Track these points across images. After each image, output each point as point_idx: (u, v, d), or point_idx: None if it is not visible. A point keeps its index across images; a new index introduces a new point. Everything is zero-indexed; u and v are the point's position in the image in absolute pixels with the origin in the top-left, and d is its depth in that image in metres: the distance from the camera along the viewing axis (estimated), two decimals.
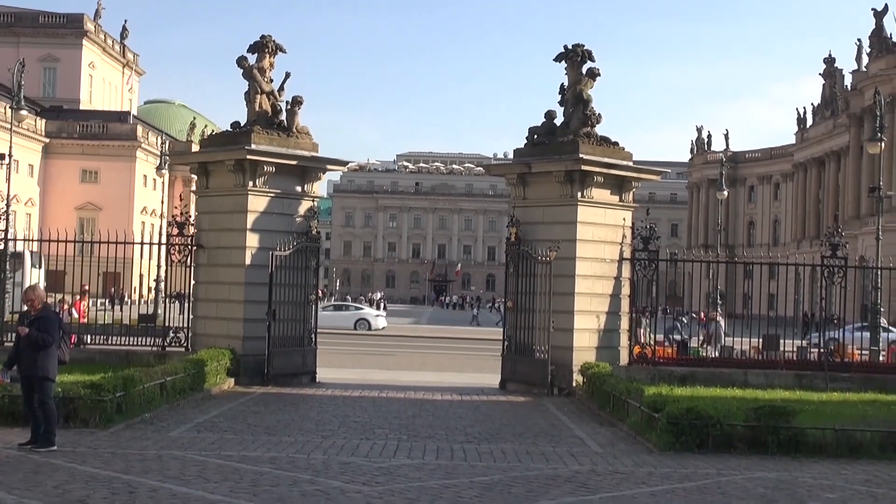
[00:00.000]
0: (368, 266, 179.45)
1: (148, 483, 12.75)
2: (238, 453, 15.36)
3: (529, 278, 26.11)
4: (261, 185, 26.19)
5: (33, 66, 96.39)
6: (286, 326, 26.18)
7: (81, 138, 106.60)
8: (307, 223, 27.02)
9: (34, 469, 13.50)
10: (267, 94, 27.41)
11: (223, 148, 27.35)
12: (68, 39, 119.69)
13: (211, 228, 26.88)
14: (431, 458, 15.67)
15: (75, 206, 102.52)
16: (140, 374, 19.57)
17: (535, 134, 27.47)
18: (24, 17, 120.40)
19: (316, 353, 27.43)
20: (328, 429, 18.72)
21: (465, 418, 21.22)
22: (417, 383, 28.07)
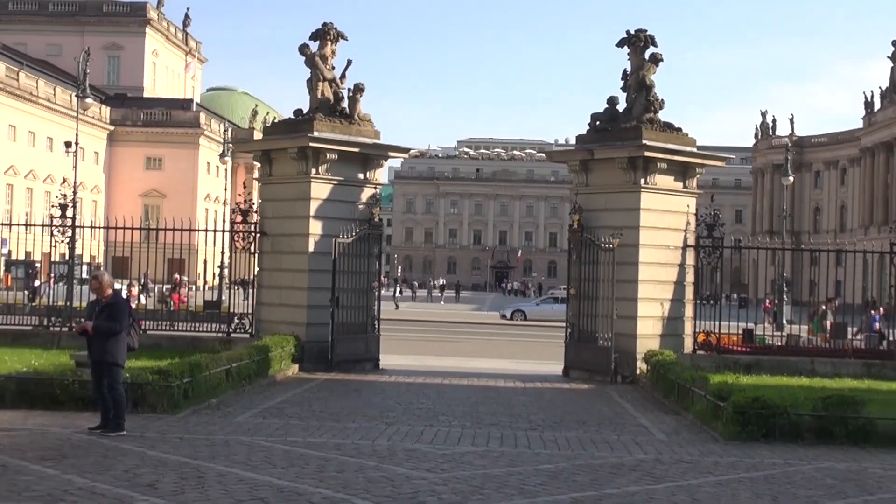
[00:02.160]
0: (430, 252, 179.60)
1: (215, 468, 12.86)
2: (303, 439, 15.48)
3: (592, 265, 26.04)
4: (323, 173, 26.36)
5: (98, 54, 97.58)
6: (349, 313, 26.33)
7: (145, 126, 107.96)
8: (369, 210, 27.16)
9: (104, 453, 13.67)
10: (329, 81, 27.53)
11: (286, 136, 27.56)
12: (132, 28, 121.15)
13: (274, 216, 27.10)
14: (495, 446, 15.69)
15: (140, 194, 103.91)
16: (206, 360, 19.81)
17: (598, 120, 27.36)
18: (89, 6, 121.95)
19: (379, 340, 27.57)
20: (392, 415, 18.80)
21: (528, 406, 21.21)
22: (480, 370, 28.12)
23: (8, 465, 12.57)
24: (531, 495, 12.16)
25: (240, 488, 11.80)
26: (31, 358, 21.87)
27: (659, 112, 26.65)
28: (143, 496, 11.19)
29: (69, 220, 28.52)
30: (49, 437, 14.77)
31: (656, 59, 26.71)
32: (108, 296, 15.58)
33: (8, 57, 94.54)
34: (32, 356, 22.43)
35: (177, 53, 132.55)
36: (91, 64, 53.24)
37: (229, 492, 11.59)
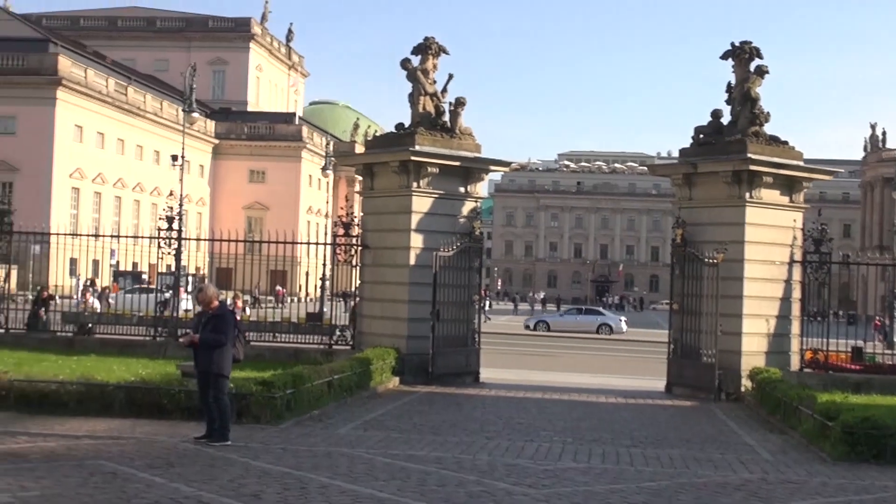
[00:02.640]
0: (530, 266, 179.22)
1: (318, 479, 12.95)
2: (404, 452, 15.50)
3: (696, 280, 25.72)
4: (424, 186, 26.45)
5: (203, 69, 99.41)
6: (450, 326, 26.38)
7: (249, 139, 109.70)
8: (470, 223, 27.18)
9: (209, 462, 13.87)
10: (430, 95, 27.63)
11: (388, 149, 27.74)
12: (236, 43, 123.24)
13: (376, 229, 27.28)
14: (597, 462, 15.55)
15: (243, 206, 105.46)
16: (309, 372, 19.97)
17: (701, 133, 27.05)
18: (195, 22, 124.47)
19: (479, 354, 27.55)
20: (493, 429, 18.76)
21: (630, 422, 21.03)
22: (580, 385, 27.89)
23: (117, 472, 12.84)
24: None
25: (342, 500, 11.87)
26: (138, 367, 22.30)
27: (764, 125, 26.25)
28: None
29: (175, 233, 29.06)
30: (156, 446, 15.03)
31: (762, 71, 26.32)
32: (215, 308, 15.78)
33: (117, 72, 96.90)
34: (139, 366, 22.88)
35: (280, 68, 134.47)
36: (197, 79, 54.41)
37: (331, 503, 11.69)
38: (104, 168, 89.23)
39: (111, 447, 14.76)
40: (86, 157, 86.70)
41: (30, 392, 17.89)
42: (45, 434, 15.59)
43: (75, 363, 23.19)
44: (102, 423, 16.77)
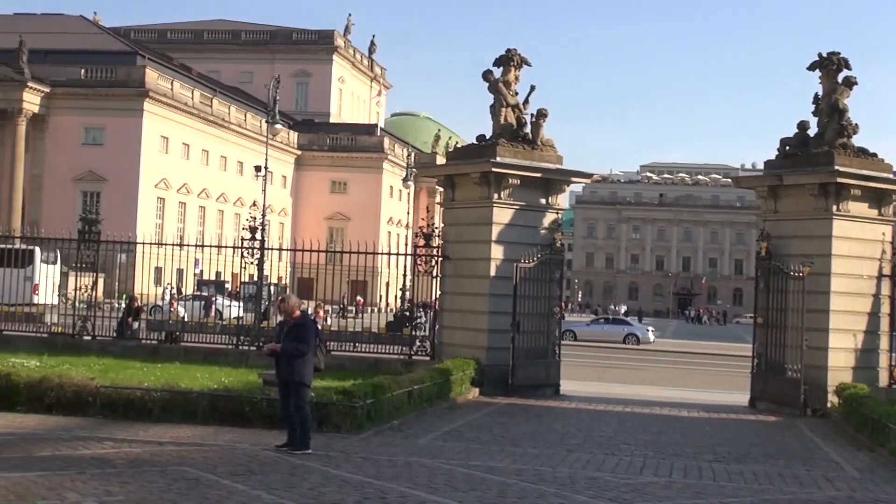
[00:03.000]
0: (611, 278, 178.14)
1: (398, 489, 12.97)
2: (484, 464, 15.45)
3: (781, 294, 25.33)
4: (505, 198, 26.41)
5: (286, 81, 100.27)
6: (530, 338, 26.27)
7: (331, 150, 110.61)
8: (551, 235, 27.09)
9: (290, 471, 13.97)
10: (512, 107, 27.62)
11: (469, 161, 27.76)
12: (319, 55, 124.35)
13: (456, 240, 27.32)
14: (679, 477, 15.37)
15: (325, 217, 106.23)
16: (389, 382, 20.02)
17: (787, 145, 26.68)
18: (279, 35, 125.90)
19: (559, 366, 27.43)
20: (573, 442, 18.67)
21: (712, 437, 20.78)
22: (662, 398, 27.68)
23: (200, 479, 13.01)
24: None
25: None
26: (221, 375, 22.60)
27: (852, 137, 25.79)
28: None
29: (258, 242, 29.38)
30: (238, 453, 15.20)
31: (850, 82, 25.90)
32: (297, 317, 15.92)
33: (203, 84, 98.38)
34: (222, 374, 23.19)
35: (362, 80, 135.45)
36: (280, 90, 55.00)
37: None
38: (189, 178, 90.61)
39: (194, 454, 14.97)
40: (171, 168, 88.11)
41: (116, 398, 18.20)
42: (130, 440, 15.87)
43: (160, 370, 23.56)
44: (186, 430, 17.02)
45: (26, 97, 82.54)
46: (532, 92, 28.09)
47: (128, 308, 31.88)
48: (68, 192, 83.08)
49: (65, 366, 22.14)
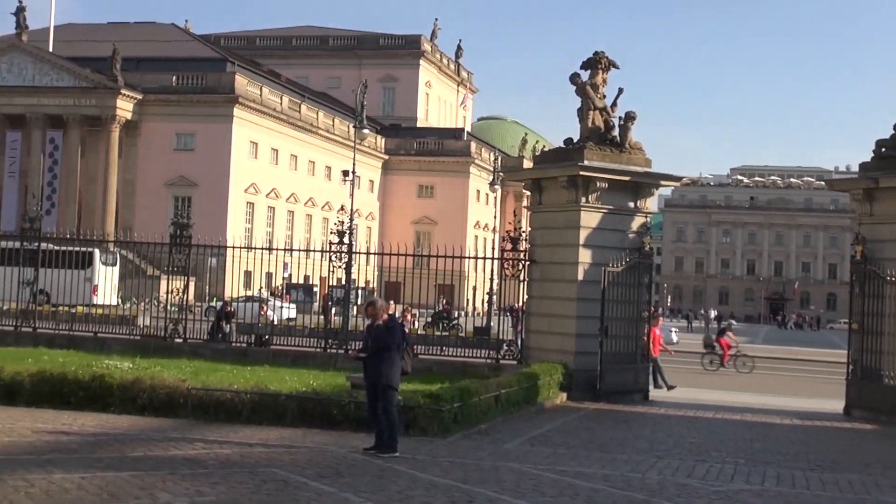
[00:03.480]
0: (700, 282, 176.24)
1: (485, 493, 12.93)
2: (572, 469, 15.34)
3: (877, 299, 24.74)
4: (593, 201, 26.25)
5: (374, 86, 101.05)
6: (618, 343, 26.10)
7: (418, 155, 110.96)
8: (639, 239, 26.86)
9: (378, 473, 14.01)
10: (599, 110, 27.43)
11: (556, 164, 27.63)
12: (406, 60, 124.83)
13: (544, 244, 27.22)
14: (771, 485, 15.10)
15: (412, 221, 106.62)
16: (476, 386, 20.01)
17: (883, 147, 26.07)
18: (366, 40, 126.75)
19: (648, 371, 27.18)
20: (662, 448, 18.46)
21: (805, 444, 20.38)
22: (752, 405, 27.19)
23: (288, 480, 13.12)
24: None
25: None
26: (309, 378, 22.76)
27: None
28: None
29: (346, 246, 29.57)
30: (326, 456, 15.29)
31: None
32: (384, 320, 16.02)
33: (291, 90, 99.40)
34: (310, 377, 23.34)
35: (449, 84, 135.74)
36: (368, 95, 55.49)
37: None
38: (278, 183, 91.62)
39: (283, 455, 15.11)
40: (260, 173, 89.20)
41: (206, 400, 18.45)
42: (221, 441, 16.06)
43: (249, 373, 23.83)
44: (274, 432, 17.18)
45: (120, 104, 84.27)
46: (620, 94, 27.88)
47: (220, 312, 32.30)
48: (160, 197, 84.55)
49: (157, 368, 22.49)
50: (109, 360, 23.82)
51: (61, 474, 12.78)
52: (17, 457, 13.93)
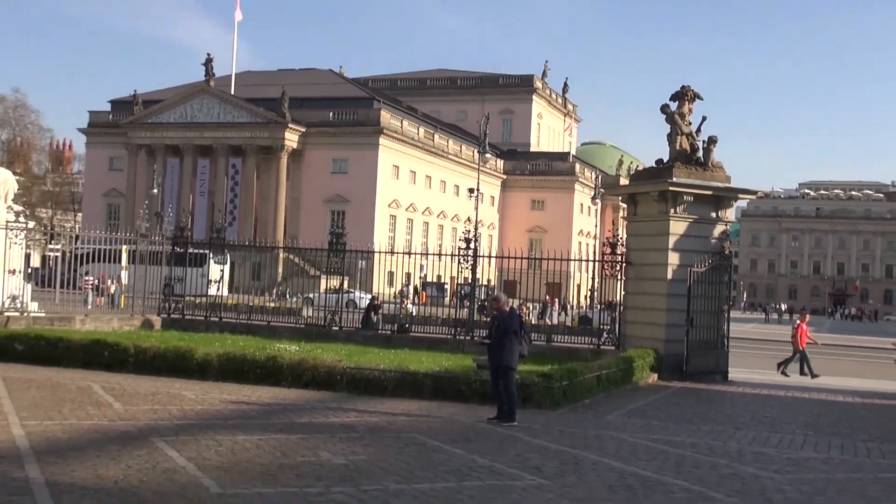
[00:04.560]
0: (772, 281, 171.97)
1: (589, 457, 12.89)
2: (663, 437, 15.17)
3: None
4: (680, 212, 25.90)
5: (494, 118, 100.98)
6: (701, 332, 25.67)
7: (531, 174, 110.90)
8: (720, 244, 26.43)
9: (499, 440, 14.04)
10: (686, 135, 27.06)
11: (648, 181, 27.32)
12: (521, 96, 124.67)
13: (638, 248, 26.91)
14: (836, 454, 14.66)
15: (526, 229, 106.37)
16: (581, 367, 19.93)
17: None
18: (488, 80, 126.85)
19: (728, 356, 26.65)
20: (740, 422, 18.07)
21: (867, 419, 19.73)
22: (819, 385, 26.43)
23: (426, 444, 13.24)
24: (872, 500, 11.33)
25: (610, 475, 11.79)
26: (442, 360, 22.88)
27: None
28: (531, 476, 11.43)
29: (471, 251, 29.67)
30: (457, 424, 15.37)
31: None
32: (505, 312, 16.07)
33: (426, 122, 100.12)
34: (443, 359, 23.47)
35: (557, 115, 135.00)
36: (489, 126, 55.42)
37: (602, 477, 11.61)
38: (415, 199, 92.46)
39: (421, 423, 15.24)
40: (400, 191, 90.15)
41: (358, 377, 18.72)
42: (370, 411, 16.26)
43: (393, 355, 24.06)
44: (414, 404, 17.33)
45: (287, 136, 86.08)
46: (703, 122, 27.52)
47: (370, 305, 32.69)
48: (320, 211, 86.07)
49: (318, 350, 22.85)
50: (280, 344, 24.31)
51: (243, 436, 13.14)
52: (208, 421, 14.37)
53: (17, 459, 10.78)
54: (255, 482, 10.29)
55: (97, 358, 20.35)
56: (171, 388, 17.70)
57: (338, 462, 11.57)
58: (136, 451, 11.56)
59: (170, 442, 12.30)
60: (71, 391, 16.62)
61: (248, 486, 10.07)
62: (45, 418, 13.68)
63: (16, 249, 28.35)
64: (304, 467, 11.17)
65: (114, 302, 38.97)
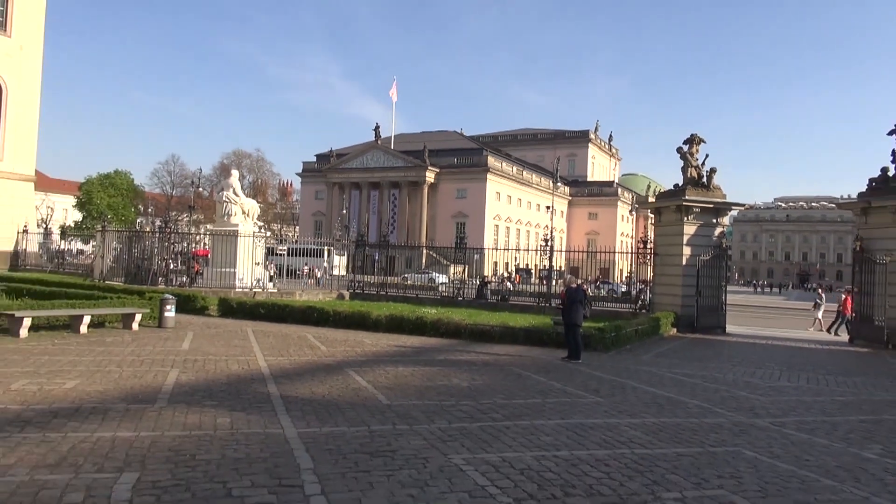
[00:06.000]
0: (756, 265, 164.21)
1: (630, 384, 12.63)
2: (681, 371, 14.73)
3: (870, 274, 22.40)
4: (691, 220, 25.05)
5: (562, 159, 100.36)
6: (706, 300, 24.76)
7: (588, 196, 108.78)
8: (719, 241, 25.42)
9: (569, 371, 13.87)
10: (694, 167, 26.15)
11: (668, 199, 26.44)
12: (580, 143, 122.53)
13: (662, 244, 26.10)
14: (804, 383, 13.95)
15: (585, 233, 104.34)
16: (624, 324, 19.51)
17: (874, 182, 23.50)
18: (558, 134, 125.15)
19: (725, 316, 25.59)
20: (735, 361, 17.34)
21: (825, 360, 18.68)
22: (791, 337, 25.18)
23: (521, 374, 13.17)
24: (830, 414, 10.74)
25: (645, 396, 11.52)
26: (530, 319, 22.71)
27: None
28: (591, 395, 11.26)
29: (548, 247, 29.36)
30: (540, 361, 15.23)
31: None
32: (574, 287, 15.87)
33: (517, 163, 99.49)
34: (530, 318, 23.29)
35: (605, 156, 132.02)
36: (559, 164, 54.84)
37: (639, 397, 11.35)
38: (510, 214, 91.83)
39: (516, 360, 15.16)
40: (501, 209, 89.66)
41: (475, 330, 18.70)
42: (483, 353, 16.23)
43: (497, 316, 24.03)
44: (512, 348, 17.24)
45: (427, 175, 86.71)
46: (706, 158, 26.41)
47: (482, 283, 32.70)
48: (448, 223, 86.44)
49: (449, 313, 23.02)
50: (424, 309, 24.57)
51: (402, 367, 13.32)
52: (379, 357, 14.62)
53: (262, 381, 11.22)
54: (410, 397, 10.43)
55: (309, 317, 20.87)
56: (356, 337, 18.08)
57: (463, 385, 11.63)
58: (335, 377, 11.86)
59: (356, 370, 12.58)
60: (293, 339, 17.16)
61: (406, 400, 10.21)
62: (278, 355, 14.18)
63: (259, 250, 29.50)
64: (442, 388, 11.27)
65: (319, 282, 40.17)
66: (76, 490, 5.92)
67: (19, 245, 38.17)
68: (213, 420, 8.41)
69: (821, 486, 6.96)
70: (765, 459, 7.84)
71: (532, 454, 7.53)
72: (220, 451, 7.12)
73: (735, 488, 6.75)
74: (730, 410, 10.56)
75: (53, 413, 8.36)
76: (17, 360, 11.90)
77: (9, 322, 14.99)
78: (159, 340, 15.33)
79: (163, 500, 5.83)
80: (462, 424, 8.75)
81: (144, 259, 28.65)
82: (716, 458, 7.81)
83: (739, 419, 10.04)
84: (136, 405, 8.97)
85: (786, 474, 7.31)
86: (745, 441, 8.68)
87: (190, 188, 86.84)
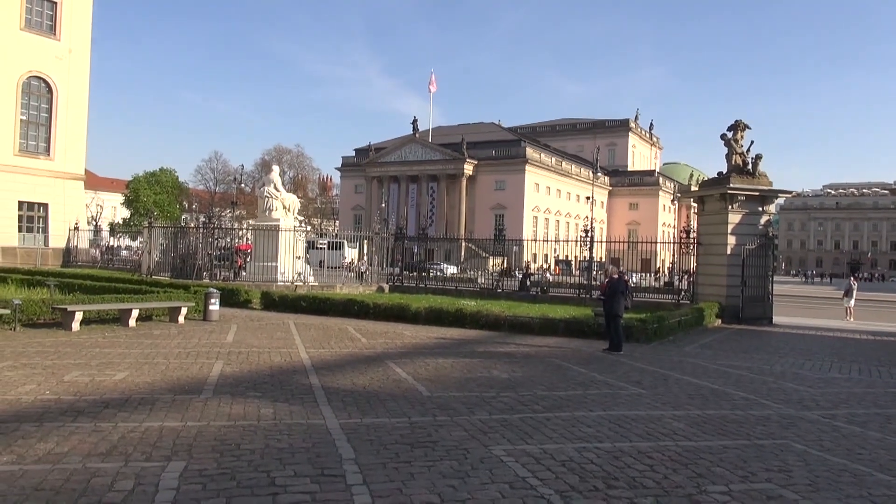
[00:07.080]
0: (804, 255, 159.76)
1: (673, 375, 12.44)
2: (726, 362, 14.45)
3: None
4: (736, 208, 24.50)
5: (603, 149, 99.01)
6: (752, 290, 24.20)
7: (628, 185, 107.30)
8: (765, 229, 24.81)
9: (611, 363, 13.73)
10: (739, 154, 25.55)
11: (712, 187, 25.93)
12: (620, 133, 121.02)
13: (706, 234, 25.62)
14: (855, 374, 13.56)
15: (626, 223, 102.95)
16: (666, 315, 19.20)
17: None
18: (598, 123, 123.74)
19: (772, 306, 25.00)
20: (782, 352, 16.94)
21: (878, 351, 18.08)
22: (842, 327, 24.48)
23: (561, 366, 13.08)
24: (883, 407, 10.41)
25: (688, 387, 11.33)
26: (571, 311, 22.50)
27: None
28: (633, 387, 11.12)
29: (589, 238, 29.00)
30: (581, 353, 15.11)
31: None
32: (615, 278, 15.68)
33: (556, 153, 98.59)
34: (572, 310, 23.06)
35: (646, 145, 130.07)
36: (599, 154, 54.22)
37: (683, 389, 11.17)
38: (549, 205, 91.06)
39: (557, 352, 15.06)
40: (540, 200, 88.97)
41: (514, 322, 18.63)
42: (523, 345, 16.17)
43: (537, 308, 23.86)
44: (552, 340, 17.13)
45: (465, 167, 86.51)
46: (752, 145, 25.80)
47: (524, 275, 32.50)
48: (487, 215, 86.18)
49: (488, 305, 22.98)
50: (464, 301, 24.56)
51: (441, 359, 13.35)
52: (419, 349, 14.67)
53: (304, 372, 11.36)
54: (450, 389, 10.44)
55: (350, 310, 21.02)
56: (396, 329, 18.17)
57: (503, 376, 11.60)
58: (375, 368, 11.95)
59: (396, 362, 12.65)
60: (334, 331, 17.33)
61: (446, 391, 10.23)
62: (319, 347, 14.34)
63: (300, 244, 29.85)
64: (482, 379, 11.26)
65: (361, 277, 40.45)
66: (126, 478, 6.09)
67: (71, 242, 39.36)
68: (257, 411, 8.55)
69: (874, 481, 6.75)
70: (815, 453, 7.64)
71: (573, 446, 7.47)
72: (264, 441, 7.24)
73: (784, 482, 6.59)
74: (777, 402, 10.32)
75: (104, 403, 8.60)
76: (70, 352, 12.28)
77: (62, 316, 15.50)
78: (204, 333, 15.65)
79: (208, 488, 5.95)
80: (503, 416, 8.73)
81: (189, 254, 29.28)
82: (763, 451, 7.64)
83: (788, 411, 9.80)
84: (182, 396, 9.18)
85: (837, 468, 7.11)
86: (793, 434, 8.47)
87: (232, 184, 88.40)
